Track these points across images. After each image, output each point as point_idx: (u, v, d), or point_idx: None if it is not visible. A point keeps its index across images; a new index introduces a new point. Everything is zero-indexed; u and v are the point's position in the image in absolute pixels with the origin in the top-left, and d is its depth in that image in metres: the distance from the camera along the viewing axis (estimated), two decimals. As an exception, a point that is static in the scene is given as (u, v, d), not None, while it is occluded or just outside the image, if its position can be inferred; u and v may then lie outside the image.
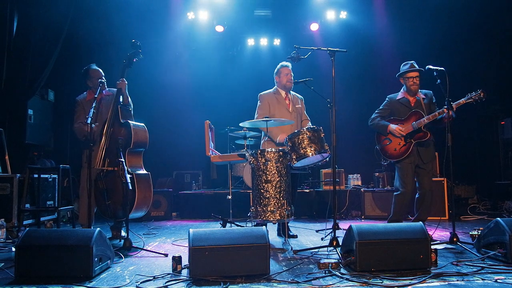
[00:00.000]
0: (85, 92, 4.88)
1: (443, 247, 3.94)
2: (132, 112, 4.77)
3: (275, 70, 5.06)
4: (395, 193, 4.73)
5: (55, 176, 5.56)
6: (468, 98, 4.31)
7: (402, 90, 4.82)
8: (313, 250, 3.87)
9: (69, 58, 7.13)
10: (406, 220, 4.93)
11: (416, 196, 4.71)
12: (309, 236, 4.96)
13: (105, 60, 5.97)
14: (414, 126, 4.55)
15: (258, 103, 4.97)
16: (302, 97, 5.15)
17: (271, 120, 4.40)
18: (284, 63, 5.01)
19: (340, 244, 3.57)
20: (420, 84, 4.72)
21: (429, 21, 7.89)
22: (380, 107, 4.90)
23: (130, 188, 3.92)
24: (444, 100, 4.24)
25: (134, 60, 4.66)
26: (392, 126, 4.66)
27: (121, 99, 4.60)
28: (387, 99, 4.89)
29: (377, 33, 8.14)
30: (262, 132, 5.02)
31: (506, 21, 7.28)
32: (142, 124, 4.67)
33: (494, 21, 7.46)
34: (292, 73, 4.97)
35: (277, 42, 8.84)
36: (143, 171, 4.58)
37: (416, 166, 4.62)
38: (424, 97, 4.73)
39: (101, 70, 4.84)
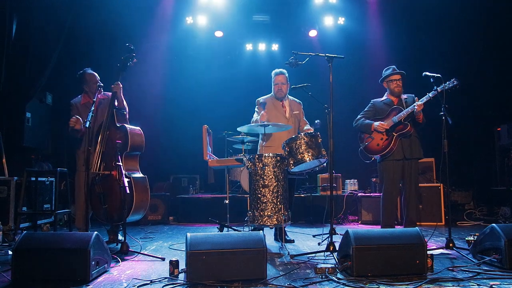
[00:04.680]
0: (79, 96, 4.87)
1: (439, 252, 3.96)
2: (127, 116, 4.76)
3: None
4: (382, 196, 4.76)
5: (52, 179, 5.57)
6: (442, 87, 4.37)
7: (385, 94, 4.99)
8: (310, 255, 3.88)
9: (67, 62, 7.14)
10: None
11: (402, 199, 4.76)
12: (306, 241, 4.96)
13: (103, 64, 5.98)
14: (394, 120, 4.66)
15: (255, 108, 4.99)
16: (300, 101, 5.16)
17: (269, 125, 4.41)
18: (276, 70, 4.99)
19: (337, 249, 3.58)
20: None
21: (426, 27, 7.96)
22: (365, 109, 5.02)
23: (128, 192, 3.92)
24: (440, 106, 4.27)
25: (128, 64, 4.66)
26: (376, 123, 4.74)
27: (116, 103, 4.61)
28: (371, 102, 5.03)
29: (375, 39, 8.19)
30: (260, 137, 5.04)
31: (502, 27, 7.34)
32: (138, 127, 4.67)
33: (489, 27, 7.52)
34: (285, 81, 4.94)
35: (275, 47, 8.88)
36: (139, 174, 4.59)
37: (402, 167, 4.66)
38: (406, 97, 4.84)
39: (96, 74, 4.83)
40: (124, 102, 4.72)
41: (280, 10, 8.39)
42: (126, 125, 4.50)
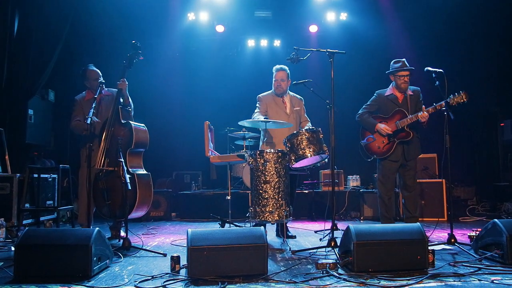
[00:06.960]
0: (84, 92, 4.91)
1: (440, 248, 3.96)
2: (132, 113, 4.78)
3: None
4: (378, 195, 4.77)
5: (55, 176, 5.58)
6: (450, 99, 4.32)
7: (391, 86, 4.89)
8: (311, 251, 3.89)
9: (69, 58, 7.15)
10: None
11: (402, 195, 4.76)
12: (307, 236, 4.97)
13: (105, 61, 5.99)
14: (398, 125, 4.63)
15: (257, 104, 4.97)
16: (302, 98, 5.13)
17: (270, 121, 4.41)
18: (277, 66, 4.94)
19: (338, 244, 3.58)
20: (412, 82, 4.79)
21: (429, 23, 7.92)
22: (368, 102, 4.96)
23: (130, 188, 3.93)
24: (441, 101, 4.26)
25: (134, 61, 4.69)
26: (380, 125, 4.72)
27: (121, 100, 4.62)
28: (375, 94, 4.96)
29: (377, 35, 8.15)
30: (261, 133, 5.03)
31: (505, 22, 7.30)
32: (143, 124, 4.70)
33: (493, 22, 7.48)
34: (285, 77, 4.88)
35: (277, 43, 8.85)
36: (143, 171, 4.60)
37: (400, 165, 4.68)
38: (412, 93, 4.79)
39: (98, 71, 4.85)
40: (129, 99, 4.74)
41: (282, 6, 8.35)
42: (131, 122, 4.52)
